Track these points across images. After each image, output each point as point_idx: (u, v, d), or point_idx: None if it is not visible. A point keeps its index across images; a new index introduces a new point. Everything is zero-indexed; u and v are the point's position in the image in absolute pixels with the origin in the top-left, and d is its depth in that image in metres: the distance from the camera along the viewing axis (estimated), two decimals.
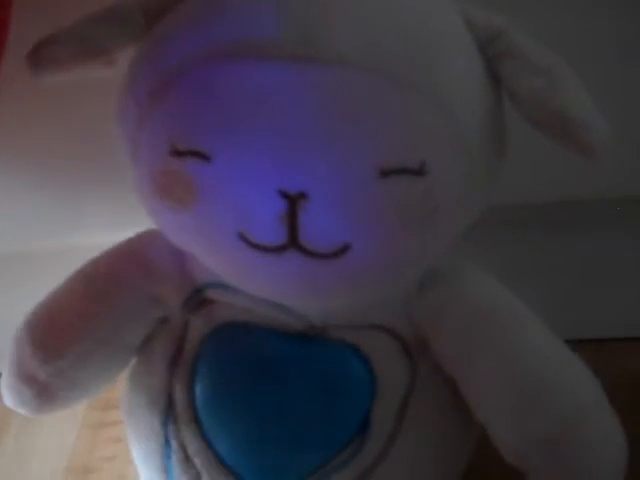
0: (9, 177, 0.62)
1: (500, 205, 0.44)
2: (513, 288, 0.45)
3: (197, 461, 0.45)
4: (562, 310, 0.50)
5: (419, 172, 0.36)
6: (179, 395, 0.45)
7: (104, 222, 0.62)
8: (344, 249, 0.37)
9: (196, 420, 0.45)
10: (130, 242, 0.48)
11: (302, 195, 0.36)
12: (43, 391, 0.47)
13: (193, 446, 0.45)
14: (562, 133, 0.36)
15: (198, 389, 0.45)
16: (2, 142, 0.60)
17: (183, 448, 0.45)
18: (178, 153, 0.37)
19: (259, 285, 0.41)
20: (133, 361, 0.49)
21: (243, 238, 0.38)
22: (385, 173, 0.35)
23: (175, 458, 0.46)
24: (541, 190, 0.59)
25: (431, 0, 0.38)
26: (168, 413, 0.46)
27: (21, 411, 0.48)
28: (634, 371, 0.64)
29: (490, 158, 0.39)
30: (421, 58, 0.36)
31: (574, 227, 0.63)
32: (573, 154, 0.36)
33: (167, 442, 0.46)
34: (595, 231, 0.63)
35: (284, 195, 0.36)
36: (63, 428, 0.67)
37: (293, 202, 0.36)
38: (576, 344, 0.44)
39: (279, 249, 0.37)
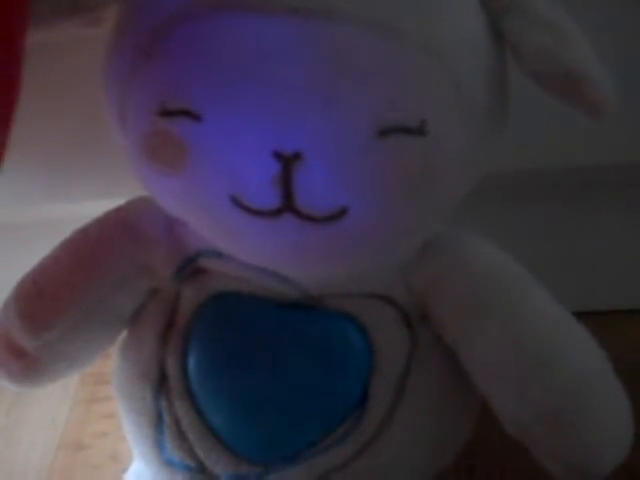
0: None
1: (498, 172, 0.44)
2: (513, 257, 0.44)
3: (191, 435, 0.44)
4: (563, 281, 0.49)
5: (419, 131, 0.35)
6: (171, 368, 0.44)
7: (93, 192, 0.61)
8: (341, 213, 0.36)
9: (189, 393, 0.44)
10: (119, 210, 0.46)
11: (297, 156, 0.34)
12: (31, 364, 0.46)
13: (186, 420, 0.44)
14: (568, 90, 0.35)
15: (191, 362, 0.44)
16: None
17: (176, 422, 0.44)
18: (168, 113, 0.35)
19: (253, 252, 0.40)
20: (124, 334, 0.48)
21: (236, 202, 0.36)
22: (383, 132, 0.34)
23: (168, 433, 0.45)
24: (540, 157, 0.58)
25: None
26: (160, 387, 0.45)
27: (9, 385, 0.48)
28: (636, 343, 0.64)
29: (492, 119, 0.38)
30: (419, 13, 0.35)
31: (575, 195, 0.63)
32: (578, 111, 0.35)
33: (160, 416, 0.45)
34: (596, 199, 0.63)
35: (278, 156, 0.34)
36: (55, 404, 0.66)
37: (287, 163, 0.34)
38: (578, 316, 0.43)
39: (274, 213, 0.36)
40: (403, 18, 0.34)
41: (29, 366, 0.46)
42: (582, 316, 0.43)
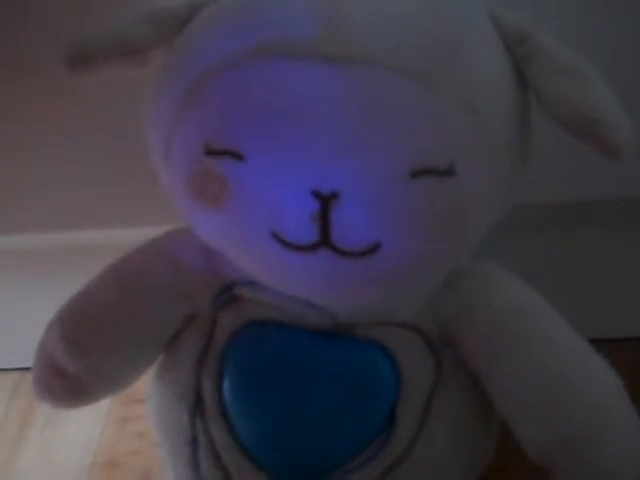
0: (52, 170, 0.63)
1: (520, 205, 0.44)
2: (533, 286, 0.46)
3: (225, 456, 0.46)
4: (580, 309, 0.50)
5: (448, 173, 0.36)
6: (207, 391, 0.46)
7: (131, 219, 0.63)
8: (375, 248, 0.38)
9: (224, 415, 0.46)
10: (160, 239, 0.48)
11: (334, 195, 0.36)
12: (74, 385, 0.47)
13: (221, 441, 0.46)
14: (589, 134, 0.36)
15: (226, 385, 0.46)
16: (38, 138, 0.61)
17: (211, 443, 0.46)
18: (213, 152, 0.37)
19: (290, 283, 0.42)
20: (161, 357, 0.49)
21: (276, 237, 0.38)
22: (415, 173, 0.36)
23: (203, 453, 0.46)
24: (558, 190, 0.60)
25: (460, 2, 0.39)
26: (196, 408, 0.46)
27: (51, 404, 0.49)
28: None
29: (516, 159, 0.40)
30: (449, 58, 0.36)
31: (589, 227, 0.64)
32: (598, 153, 0.37)
33: (195, 437, 0.47)
34: (608, 230, 0.64)
35: (317, 195, 0.36)
36: (88, 422, 0.68)
37: (325, 202, 0.36)
38: (596, 343, 0.45)
39: (311, 248, 0.38)
40: (435, 66, 0.36)
41: (71, 387, 0.48)
42: (600, 342, 0.45)
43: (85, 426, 0.67)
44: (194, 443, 0.47)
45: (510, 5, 0.41)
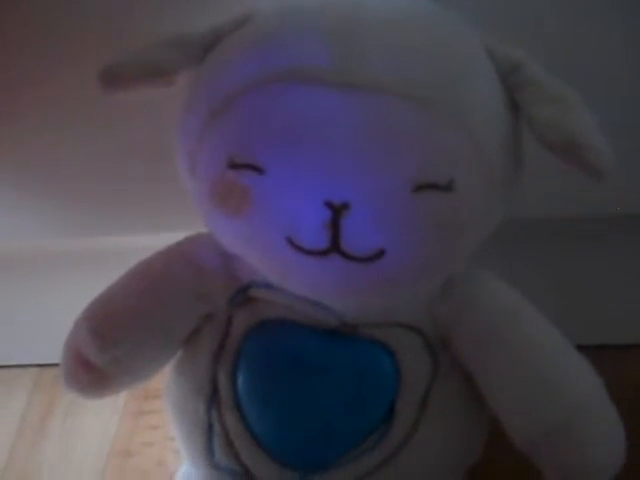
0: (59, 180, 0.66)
1: (512, 219, 0.47)
2: (523, 293, 0.49)
3: (237, 443, 0.49)
4: (566, 317, 0.53)
5: (448, 188, 0.39)
6: (223, 383, 0.49)
7: (151, 225, 0.66)
8: (380, 254, 0.41)
9: (238, 406, 0.49)
10: (180, 244, 0.51)
11: (345, 205, 0.39)
12: (99, 377, 0.51)
13: (234, 430, 0.49)
14: (573, 156, 0.39)
15: (240, 378, 0.49)
16: (50, 144, 0.63)
17: (225, 432, 0.49)
18: (235, 166, 0.40)
19: (302, 284, 0.45)
20: (180, 352, 0.52)
21: (291, 242, 0.41)
22: (418, 188, 0.39)
23: (218, 441, 0.50)
24: (549, 205, 0.62)
25: (459, 34, 0.42)
26: (212, 400, 0.50)
27: (77, 394, 0.52)
28: (635, 377, 0.68)
29: (509, 176, 0.43)
30: (450, 86, 0.40)
31: (578, 239, 0.67)
32: (582, 174, 0.40)
33: (210, 426, 0.50)
34: (597, 244, 0.67)
35: (329, 205, 0.39)
36: (106, 415, 0.71)
37: (337, 211, 0.39)
38: (582, 349, 0.48)
39: (322, 253, 0.41)
40: (437, 93, 0.39)
41: (97, 379, 0.51)
42: (586, 349, 0.48)
43: (103, 419, 0.71)
44: (209, 431, 0.50)
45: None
